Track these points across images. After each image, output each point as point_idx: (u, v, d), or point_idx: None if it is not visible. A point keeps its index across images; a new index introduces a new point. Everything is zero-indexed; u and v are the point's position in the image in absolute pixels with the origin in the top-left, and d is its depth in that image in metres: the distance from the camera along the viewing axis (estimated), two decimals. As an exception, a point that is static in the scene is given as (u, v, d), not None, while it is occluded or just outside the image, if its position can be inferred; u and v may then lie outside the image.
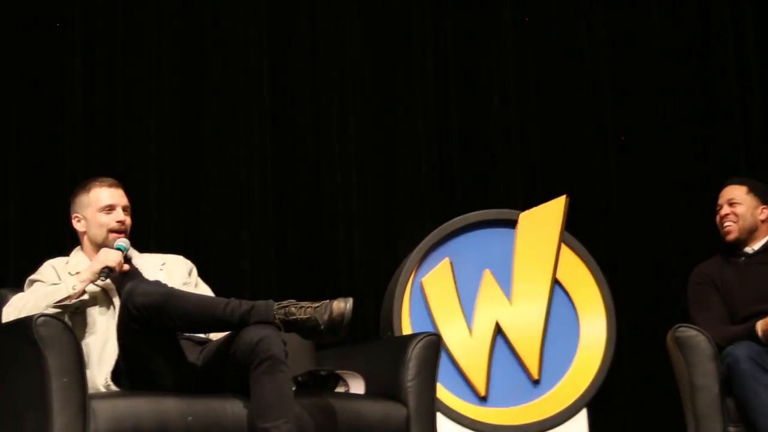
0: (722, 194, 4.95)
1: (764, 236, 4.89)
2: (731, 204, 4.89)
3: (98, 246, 3.96)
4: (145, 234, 5.12)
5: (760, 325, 4.56)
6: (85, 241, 4.03)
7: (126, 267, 3.89)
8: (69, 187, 4.49)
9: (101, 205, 4.00)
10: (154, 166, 5.46)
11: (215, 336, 3.83)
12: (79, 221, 4.03)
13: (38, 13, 5.37)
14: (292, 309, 3.52)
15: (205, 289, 4.11)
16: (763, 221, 4.89)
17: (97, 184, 4.05)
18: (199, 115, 5.63)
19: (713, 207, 4.96)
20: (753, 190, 4.92)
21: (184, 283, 3.99)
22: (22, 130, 5.28)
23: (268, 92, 5.76)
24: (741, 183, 4.96)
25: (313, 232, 5.74)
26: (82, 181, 4.14)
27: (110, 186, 4.05)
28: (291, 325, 3.52)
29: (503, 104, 6.21)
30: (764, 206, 4.90)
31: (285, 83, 5.83)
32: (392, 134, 6.00)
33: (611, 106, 6.36)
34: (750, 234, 4.88)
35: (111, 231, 3.98)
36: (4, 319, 3.70)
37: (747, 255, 4.87)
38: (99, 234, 3.99)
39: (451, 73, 6.15)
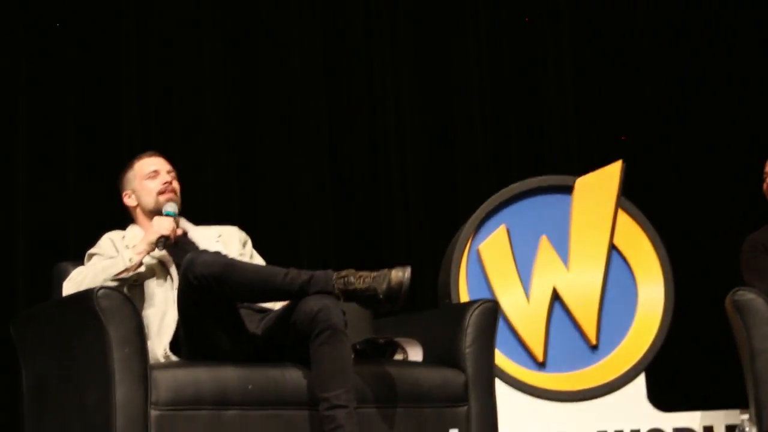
0: None
1: (811, 202, 4.83)
2: None
3: (152, 214, 3.97)
4: (203, 206, 5.13)
5: None
6: (139, 214, 4.04)
7: (180, 231, 3.90)
8: (129, 157, 4.51)
9: (146, 173, 4.03)
10: (211, 137, 5.47)
11: (275, 306, 3.83)
12: (129, 196, 4.05)
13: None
14: (351, 278, 3.50)
15: (259, 261, 4.10)
16: None
17: (139, 157, 4.11)
18: (256, 89, 5.62)
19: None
20: None
21: (240, 255, 3.99)
22: (81, 109, 5.31)
23: (323, 66, 5.74)
24: None
25: (370, 201, 5.73)
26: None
27: (150, 156, 4.10)
28: (350, 295, 3.50)
29: (558, 70, 6.15)
30: None
31: (339, 59, 5.81)
32: (447, 103, 5.97)
33: (667, 70, 6.27)
34: None
35: (160, 193, 4.00)
36: (65, 293, 3.72)
37: (794, 222, 4.82)
38: (150, 200, 4.00)
39: (506, 41, 6.10)
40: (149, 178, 4.03)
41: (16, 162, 5.21)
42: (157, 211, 3.97)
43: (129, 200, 4.06)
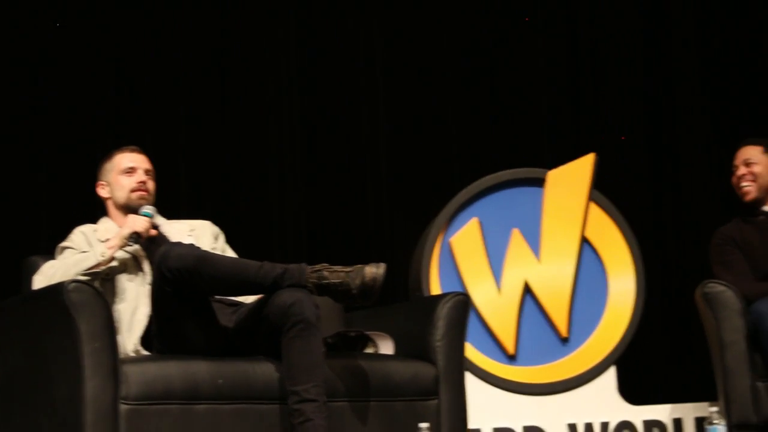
0: (738, 155, 4.91)
1: (781, 194, 4.86)
2: (747, 164, 4.85)
3: (123, 209, 3.98)
4: (175, 201, 5.11)
5: None
6: (111, 207, 4.04)
7: (153, 232, 3.89)
8: (99, 154, 4.50)
9: (122, 168, 4.03)
10: (184, 131, 5.45)
11: (247, 299, 3.83)
12: (103, 188, 4.05)
13: None
14: (325, 273, 3.51)
15: (232, 255, 4.09)
16: None
17: (120, 150, 4.10)
18: (229, 81, 5.61)
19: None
20: None
21: (212, 249, 3.98)
22: (54, 99, 5.29)
23: (297, 59, 5.74)
24: (756, 143, 4.92)
25: (343, 196, 5.73)
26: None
27: (132, 151, 4.08)
28: (323, 289, 3.51)
29: (531, 63, 6.16)
30: None
31: (314, 52, 5.80)
32: (420, 95, 5.96)
33: (643, 63, 6.30)
34: (767, 193, 4.83)
35: (132, 191, 3.99)
36: (35, 287, 3.71)
37: (765, 213, 4.84)
38: (122, 196, 4.00)
39: (483, 32, 6.11)
40: (125, 173, 4.02)
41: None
42: (127, 208, 3.97)
43: (102, 191, 4.05)
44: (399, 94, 5.92)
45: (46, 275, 3.71)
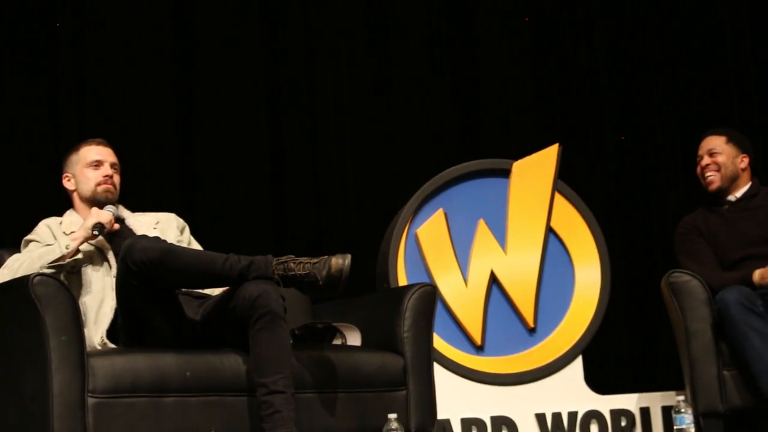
0: (702, 145, 4.96)
1: (745, 184, 4.91)
2: (711, 154, 4.90)
3: (88, 202, 3.98)
4: (140, 193, 5.10)
5: (759, 273, 4.57)
6: (76, 200, 4.04)
7: (117, 226, 3.90)
8: (64, 146, 4.48)
9: (88, 161, 4.04)
10: (149, 123, 5.44)
11: (213, 292, 3.84)
12: (69, 180, 4.05)
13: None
14: (291, 264, 3.53)
15: (197, 248, 4.10)
16: (743, 169, 4.91)
17: (86, 143, 4.10)
18: (195, 73, 5.60)
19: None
20: (732, 139, 4.94)
21: (177, 241, 3.99)
22: (15, 90, 5.26)
23: (262, 51, 5.73)
24: (720, 133, 4.97)
25: (308, 187, 5.73)
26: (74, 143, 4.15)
27: (98, 144, 4.09)
28: (290, 281, 3.53)
29: (496, 53, 6.19)
30: (743, 155, 4.91)
31: (278, 44, 5.80)
32: (385, 84, 5.98)
33: (605, 52, 6.34)
34: (731, 182, 4.89)
35: (98, 185, 4.00)
36: (0, 281, 3.69)
37: (730, 203, 4.89)
38: (87, 189, 4.01)
39: (443, 22, 6.12)
40: (91, 167, 4.02)
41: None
42: (93, 201, 3.98)
43: (68, 183, 4.06)
44: (363, 84, 5.92)
45: (11, 269, 3.71)
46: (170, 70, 5.54)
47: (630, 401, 5.08)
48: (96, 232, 3.78)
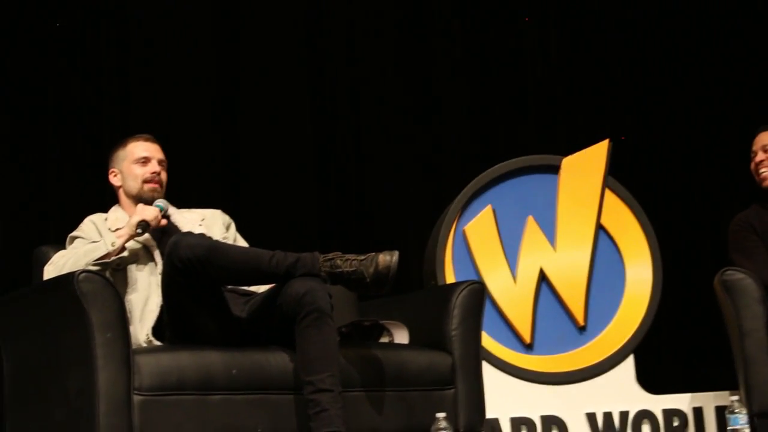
0: (756, 141, 4.90)
1: (799, 180, 4.85)
2: (766, 150, 4.84)
3: (134, 199, 3.98)
4: (185, 189, 5.11)
5: None
6: (122, 196, 4.05)
7: (164, 222, 3.90)
8: (108, 141, 4.50)
9: (136, 157, 4.03)
10: (193, 119, 5.45)
11: (259, 289, 3.83)
12: (115, 176, 4.06)
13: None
14: (338, 261, 3.52)
15: (242, 244, 4.10)
16: None
17: (134, 138, 4.10)
18: (238, 67, 5.61)
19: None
20: None
21: (223, 238, 3.99)
22: (61, 87, 5.29)
23: (306, 44, 5.73)
24: None
25: (355, 184, 5.73)
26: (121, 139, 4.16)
27: (146, 140, 4.09)
28: (336, 278, 3.52)
29: (543, 47, 6.16)
30: None
31: (321, 36, 5.80)
32: (430, 83, 5.96)
33: (654, 45, 6.29)
34: None
35: (145, 182, 4.00)
36: (46, 277, 3.72)
37: (784, 200, 4.84)
38: (134, 186, 4.01)
39: (489, 18, 6.10)
40: (138, 163, 4.02)
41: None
42: (139, 198, 3.98)
43: (114, 179, 4.06)
44: (410, 77, 5.90)
45: (56, 265, 3.72)
46: (213, 65, 5.54)
47: (682, 401, 5.04)
48: (141, 230, 3.78)
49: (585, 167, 5.21)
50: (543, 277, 5.08)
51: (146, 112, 5.35)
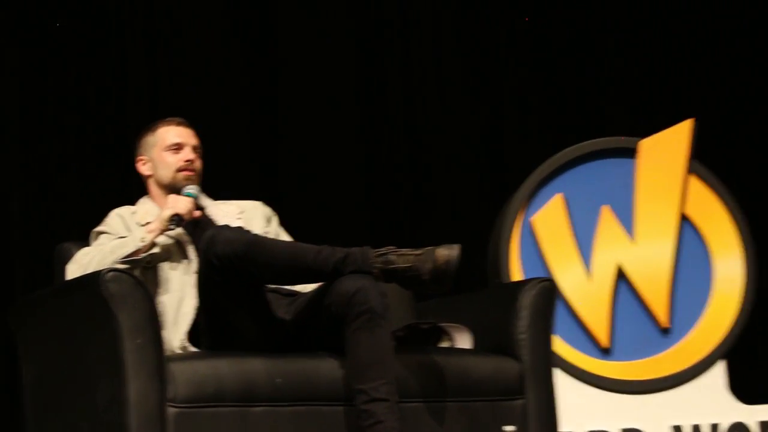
0: None
1: None
2: None
3: (166, 189, 3.98)
4: (221, 179, 5.12)
5: None
6: (152, 186, 4.04)
7: (198, 214, 3.89)
8: (133, 128, 4.51)
9: (168, 144, 4.02)
10: (229, 102, 5.47)
11: (305, 288, 3.83)
12: (144, 164, 4.05)
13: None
14: (392, 257, 3.50)
15: (286, 239, 4.10)
16: None
17: (164, 123, 4.08)
18: (277, 44, 5.63)
19: None
20: None
21: (264, 233, 3.98)
22: (81, 71, 5.32)
23: (354, 20, 5.74)
24: None
25: (408, 170, 5.72)
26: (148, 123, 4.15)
27: (178, 125, 4.07)
28: (390, 275, 3.49)
29: (616, 17, 6.12)
30: None
31: (371, 16, 5.81)
32: (491, 59, 5.95)
33: (741, 13, 6.23)
34: None
35: (179, 171, 4.00)
36: (68, 277, 3.72)
37: None
38: (166, 175, 4.00)
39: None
40: (171, 150, 4.01)
41: (9, 125, 5.21)
42: (172, 188, 3.97)
43: (143, 168, 4.05)
44: (468, 55, 5.90)
45: (80, 264, 3.72)
46: (251, 37, 5.56)
47: (781, 412, 5.03)
48: (174, 224, 3.77)
49: (665, 150, 5.22)
50: (621, 274, 5.10)
51: (176, 93, 5.36)
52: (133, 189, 4.17)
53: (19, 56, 5.25)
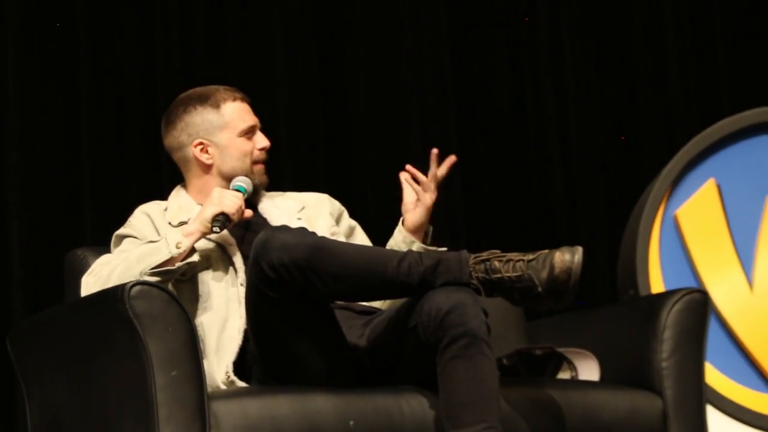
0: None
1: None
2: None
3: (226, 180, 3.96)
4: (280, 168, 5.16)
5: None
6: (194, 176, 4.02)
7: (249, 213, 3.90)
8: (158, 108, 4.54)
9: (242, 127, 4.00)
10: (285, 76, 5.52)
11: (384, 305, 3.84)
12: (204, 150, 3.99)
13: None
14: (496, 263, 3.50)
15: (363, 241, 4.11)
16: None
17: (229, 96, 4.03)
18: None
19: None
20: None
21: (332, 234, 3.99)
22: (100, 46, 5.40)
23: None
24: None
25: (516, 157, 5.74)
26: (192, 88, 4.10)
27: (243, 100, 4.05)
28: (494, 287, 3.50)
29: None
30: None
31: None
32: (623, 21, 6.04)
33: None
34: None
35: (255, 163, 4.01)
36: (84, 292, 3.73)
37: None
38: (239, 167, 3.98)
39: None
40: (245, 135, 4.01)
41: (7, 108, 5.27)
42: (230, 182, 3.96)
43: (202, 155, 3.99)
44: (592, 19, 5.96)
45: (99, 276, 3.74)
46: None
47: None
48: (218, 227, 3.77)
49: None
50: (793, 284, 5.07)
51: (217, 69, 5.39)
52: (163, 182, 4.19)
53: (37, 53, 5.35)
